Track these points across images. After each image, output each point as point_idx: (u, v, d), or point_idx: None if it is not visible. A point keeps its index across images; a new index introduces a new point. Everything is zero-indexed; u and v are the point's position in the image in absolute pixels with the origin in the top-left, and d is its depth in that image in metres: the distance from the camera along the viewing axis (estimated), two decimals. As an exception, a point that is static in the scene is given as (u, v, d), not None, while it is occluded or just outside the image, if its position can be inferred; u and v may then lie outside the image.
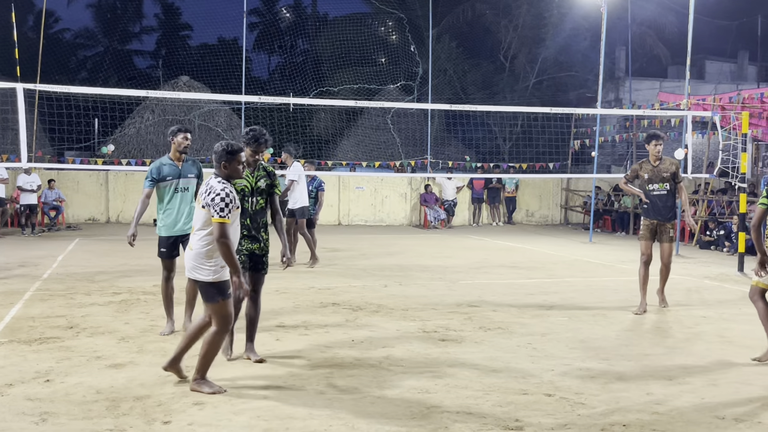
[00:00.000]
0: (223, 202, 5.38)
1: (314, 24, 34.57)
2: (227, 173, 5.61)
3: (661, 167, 9.32)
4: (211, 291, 5.54)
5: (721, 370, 6.44)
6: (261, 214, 6.39)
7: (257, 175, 6.35)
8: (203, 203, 5.48)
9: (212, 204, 5.40)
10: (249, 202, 6.26)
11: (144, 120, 26.81)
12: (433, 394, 5.59)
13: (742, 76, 36.32)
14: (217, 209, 5.38)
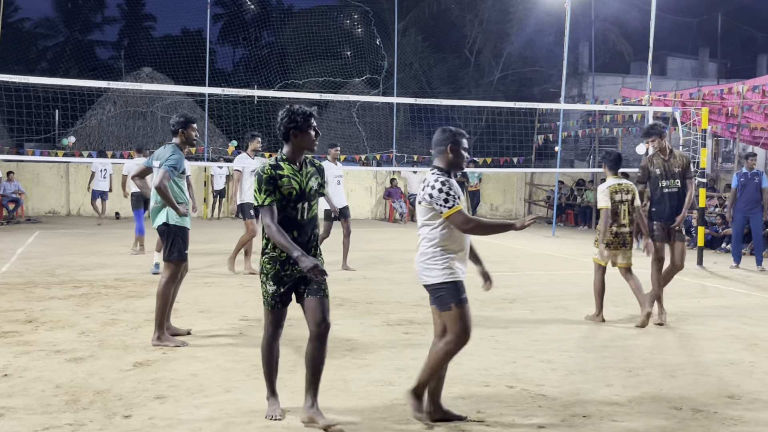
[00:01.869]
0: (443, 193, 4.66)
1: (279, 16, 34.38)
2: (452, 160, 4.86)
3: (672, 162, 8.43)
4: (443, 295, 4.76)
5: (680, 362, 6.55)
6: (313, 223, 4.82)
7: (306, 173, 4.83)
8: (419, 200, 4.79)
9: (434, 199, 4.68)
10: (297, 209, 4.71)
11: (106, 112, 26.47)
12: (396, 386, 5.60)
13: (703, 72, 36.92)
14: (441, 201, 4.66)
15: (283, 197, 4.63)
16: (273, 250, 4.68)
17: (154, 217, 7.01)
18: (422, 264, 4.82)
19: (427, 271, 4.79)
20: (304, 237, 4.72)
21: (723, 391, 5.68)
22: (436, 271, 4.76)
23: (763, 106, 18.04)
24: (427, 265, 4.78)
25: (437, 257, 4.76)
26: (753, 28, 38.28)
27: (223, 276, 11.04)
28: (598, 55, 30.73)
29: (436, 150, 4.89)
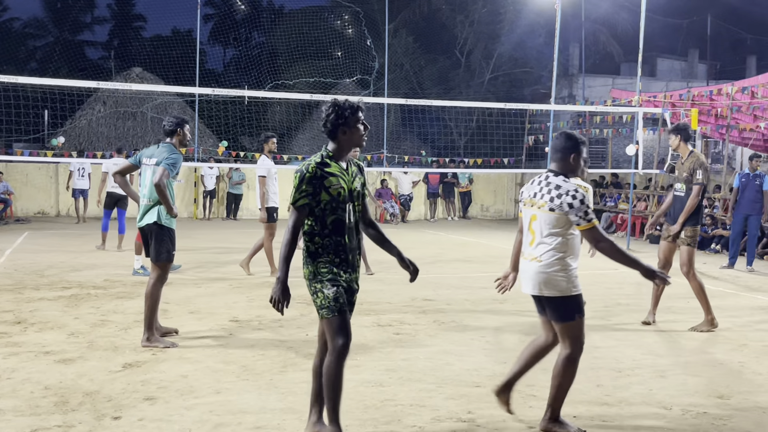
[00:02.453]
0: (584, 205, 4.52)
1: (270, 16, 34.35)
2: (573, 167, 4.74)
3: (684, 165, 8.30)
4: (569, 307, 4.64)
5: (669, 362, 6.57)
6: (357, 228, 4.50)
7: (352, 172, 4.45)
8: (548, 207, 4.59)
9: (574, 209, 4.50)
10: (346, 210, 4.36)
11: (95, 112, 26.38)
12: (387, 387, 5.60)
13: (693, 73, 37.05)
14: (581, 214, 4.50)
15: (332, 198, 4.26)
16: (326, 254, 4.29)
17: (142, 215, 6.94)
18: (546, 275, 4.61)
19: (552, 282, 4.61)
20: (352, 242, 4.37)
21: (712, 392, 5.70)
22: (563, 283, 4.60)
23: (752, 107, 18.13)
24: (552, 277, 4.60)
25: (566, 269, 4.62)
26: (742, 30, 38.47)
27: (212, 277, 11.01)
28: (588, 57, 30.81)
29: (559, 155, 4.75)
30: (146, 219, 6.91)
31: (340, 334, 4.21)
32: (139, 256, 10.99)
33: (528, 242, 4.76)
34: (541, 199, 4.63)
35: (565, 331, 4.66)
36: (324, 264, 4.29)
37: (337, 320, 4.22)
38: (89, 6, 37.54)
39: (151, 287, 6.79)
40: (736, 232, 13.65)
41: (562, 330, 4.67)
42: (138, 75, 27.04)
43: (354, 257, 4.40)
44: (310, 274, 4.32)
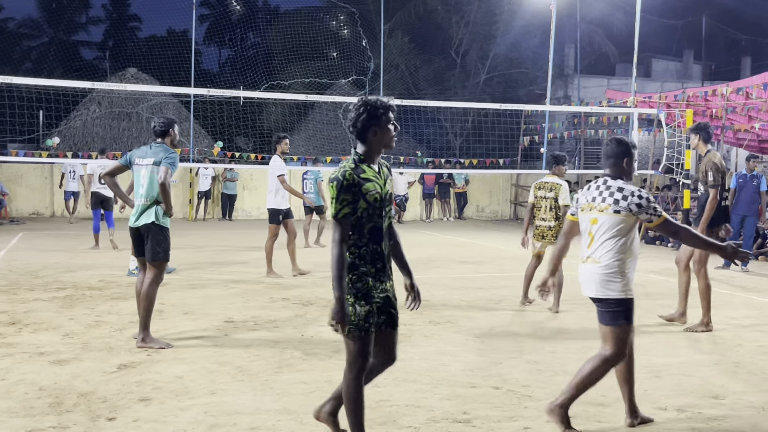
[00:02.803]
0: (653, 202, 4.66)
1: (265, 17, 34.34)
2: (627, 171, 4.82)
3: (700, 166, 8.23)
4: (618, 311, 4.68)
5: (664, 363, 6.58)
6: (389, 233, 4.24)
7: (383, 175, 4.21)
8: (613, 209, 4.66)
9: (644, 208, 4.62)
10: (382, 216, 4.12)
11: (90, 112, 26.33)
12: (382, 387, 5.60)
13: (688, 74, 37.15)
14: (652, 210, 4.62)
15: (369, 205, 4.00)
16: (363, 264, 4.04)
17: (138, 215, 6.89)
18: (603, 276, 4.66)
19: (608, 284, 4.65)
20: (386, 249, 4.16)
21: (707, 392, 5.71)
22: (617, 285, 4.65)
23: (747, 108, 18.17)
24: (609, 278, 4.65)
25: (623, 272, 4.67)
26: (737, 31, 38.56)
27: (207, 278, 11.00)
28: (584, 57, 30.88)
29: (612, 161, 4.83)
30: (143, 219, 6.87)
31: (362, 355, 4.05)
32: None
33: (586, 245, 4.83)
34: (603, 203, 4.72)
35: (611, 335, 4.70)
36: (360, 277, 4.02)
37: (362, 340, 4.03)
38: (84, 6, 37.52)
39: (147, 287, 6.77)
40: (734, 233, 13.65)
41: (609, 333, 4.71)
42: (133, 75, 27.01)
43: (390, 264, 4.22)
44: (349, 290, 4.04)
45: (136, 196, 6.97)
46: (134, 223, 6.92)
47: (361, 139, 4.09)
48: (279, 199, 11.24)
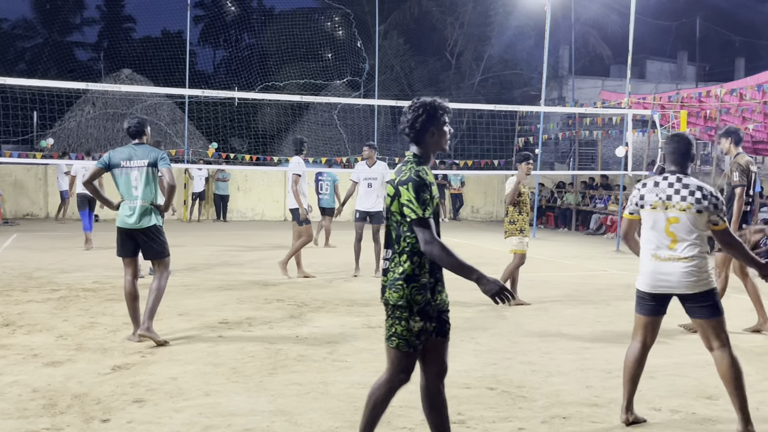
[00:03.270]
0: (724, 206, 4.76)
1: (260, 18, 34.34)
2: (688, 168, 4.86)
3: (729, 168, 8.15)
4: (715, 301, 4.79)
5: (658, 363, 6.58)
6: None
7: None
8: (696, 208, 4.67)
9: (718, 209, 4.69)
10: (438, 221, 4.01)
11: (85, 113, 26.29)
12: (377, 389, 5.59)
13: (682, 75, 37.24)
14: (722, 214, 4.72)
15: (433, 210, 3.89)
16: (423, 274, 3.89)
17: (140, 218, 6.87)
18: (695, 273, 4.71)
19: (701, 279, 4.72)
20: None
21: (701, 393, 5.72)
22: (709, 278, 4.75)
23: (741, 110, 18.21)
24: (700, 274, 4.72)
25: (708, 265, 4.77)
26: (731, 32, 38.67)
27: (201, 279, 10.98)
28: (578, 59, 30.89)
29: (678, 158, 4.85)
30: (145, 221, 6.88)
31: (405, 371, 3.95)
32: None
33: (666, 245, 4.77)
34: (684, 202, 4.71)
35: (720, 326, 4.77)
36: (419, 290, 3.86)
37: (409, 357, 3.92)
38: (78, 7, 37.43)
39: (160, 282, 7.03)
40: None
41: (717, 325, 4.77)
42: (127, 76, 26.98)
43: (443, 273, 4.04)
44: (400, 299, 3.84)
45: (128, 197, 6.92)
46: (135, 225, 6.88)
47: (418, 140, 3.98)
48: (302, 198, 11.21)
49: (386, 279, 3.92)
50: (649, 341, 5.03)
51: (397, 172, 3.94)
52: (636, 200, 4.91)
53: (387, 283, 3.91)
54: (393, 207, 3.88)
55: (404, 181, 3.84)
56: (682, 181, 4.75)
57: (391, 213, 3.90)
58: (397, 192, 3.85)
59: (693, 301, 4.78)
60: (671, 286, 4.77)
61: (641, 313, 5.01)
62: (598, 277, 12.01)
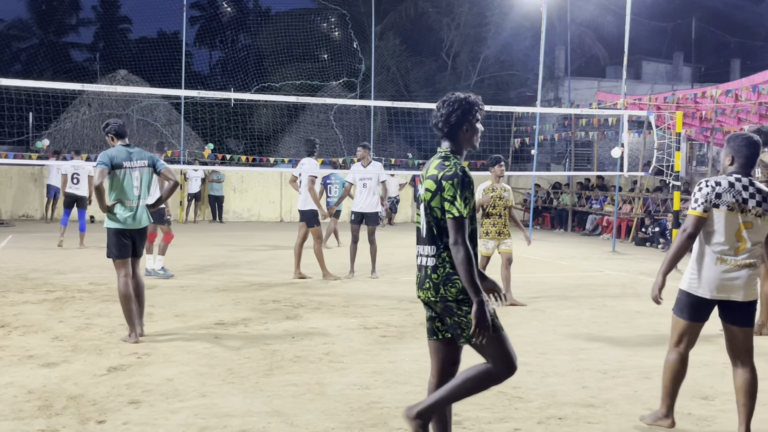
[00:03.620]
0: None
1: (256, 19, 34.31)
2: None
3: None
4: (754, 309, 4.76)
5: (654, 364, 6.58)
6: None
7: None
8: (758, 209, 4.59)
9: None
10: (474, 217, 4.01)
11: (80, 114, 26.24)
12: (373, 389, 5.60)
13: (678, 76, 37.28)
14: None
15: (473, 206, 3.88)
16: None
17: (140, 218, 7.10)
18: (755, 277, 4.64)
19: (756, 284, 4.65)
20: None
21: (697, 393, 5.73)
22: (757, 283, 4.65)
23: (736, 110, 18.25)
24: (756, 279, 4.64)
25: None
26: (726, 33, 38.75)
27: (198, 280, 10.97)
28: (574, 59, 30.97)
29: (748, 161, 4.69)
30: (144, 221, 7.16)
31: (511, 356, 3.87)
32: (162, 256, 11.21)
33: (734, 249, 4.61)
34: (759, 207, 4.58)
35: (751, 335, 4.67)
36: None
37: (506, 338, 3.87)
38: (74, 8, 37.36)
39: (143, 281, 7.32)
40: None
41: (750, 334, 4.67)
42: (123, 77, 26.95)
43: None
44: (459, 292, 3.80)
45: (129, 197, 7.00)
46: (137, 225, 7.07)
47: (452, 135, 3.96)
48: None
49: (436, 276, 3.83)
50: (691, 349, 4.88)
51: (438, 167, 3.86)
52: (711, 198, 4.58)
53: (439, 280, 3.83)
54: (434, 202, 3.83)
55: (449, 176, 3.80)
56: (754, 186, 4.62)
57: (431, 208, 3.84)
58: (440, 187, 3.80)
59: (740, 309, 4.63)
60: (734, 292, 4.60)
61: (693, 319, 4.76)
62: (594, 278, 12.02)
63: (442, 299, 3.84)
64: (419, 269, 3.96)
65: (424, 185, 3.89)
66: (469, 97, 4.00)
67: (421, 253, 3.93)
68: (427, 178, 3.88)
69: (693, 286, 4.69)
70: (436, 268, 3.85)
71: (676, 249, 4.70)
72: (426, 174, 3.91)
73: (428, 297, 3.88)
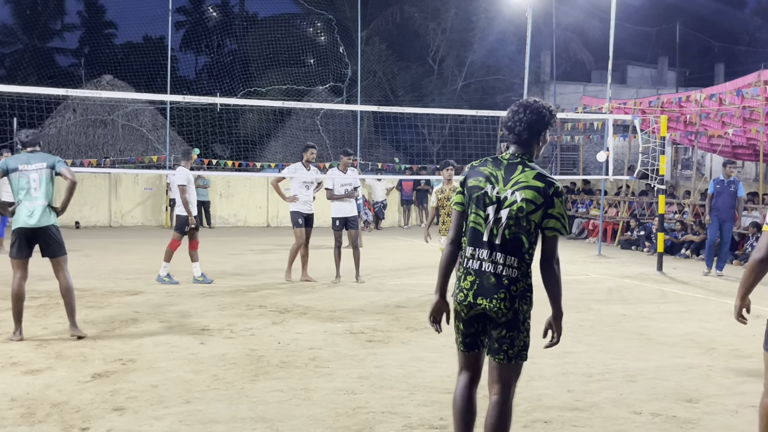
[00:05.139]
0: None
1: (242, 23, 34.24)
2: None
3: None
4: None
5: (639, 367, 6.62)
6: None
7: None
8: None
9: None
10: None
11: (65, 120, 26.10)
12: (359, 394, 5.59)
13: (662, 81, 37.51)
14: None
15: None
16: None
17: (40, 217, 7.23)
18: None
19: None
20: None
21: (681, 396, 5.75)
22: None
23: (720, 114, 18.37)
24: None
25: None
26: (711, 38, 39.01)
27: (183, 285, 10.92)
28: (560, 64, 31.07)
29: None
30: (44, 220, 7.27)
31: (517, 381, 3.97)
32: (167, 263, 11.15)
33: None
34: None
35: None
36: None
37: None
38: (59, 13, 37.11)
39: (69, 282, 7.47)
40: (712, 238, 13.62)
41: None
42: (108, 82, 26.81)
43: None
44: (530, 309, 3.90)
45: (27, 198, 7.25)
46: (36, 224, 7.21)
47: (528, 143, 3.90)
48: (300, 204, 11.52)
49: (515, 289, 3.77)
50: None
51: (539, 178, 3.74)
52: None
53: (517, 293, 3.78)
54: (535, 216, 3.73)
55: (560, 192, 3.75)
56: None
57: (529, 221, 3.73)
58: (550, 203, 3.73)
59: None
60: None
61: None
62: (580, 282, 12.06)
63: (515, 312, 3.79)
64: (477, 275, 3.81)
65: (522, 194, 3.72)
66: (551, 107, 3.97)
67: (486, 258, 3.79)
68: (527, 188, 3.73)
69: None
70: (518, 281, 3.77)
71: (747, 275, 4.05)
72: (515, 181, 3.76)
73: (498, 306, 3.75)
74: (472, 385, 3.99)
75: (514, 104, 3.97)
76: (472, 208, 3.85)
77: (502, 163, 3.86)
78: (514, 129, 3.88)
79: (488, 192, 3.80)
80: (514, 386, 3.90)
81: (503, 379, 3.84)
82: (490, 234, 3.79)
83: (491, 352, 3.85)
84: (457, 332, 3.98)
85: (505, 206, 3.75)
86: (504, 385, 3.85)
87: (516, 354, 3.84)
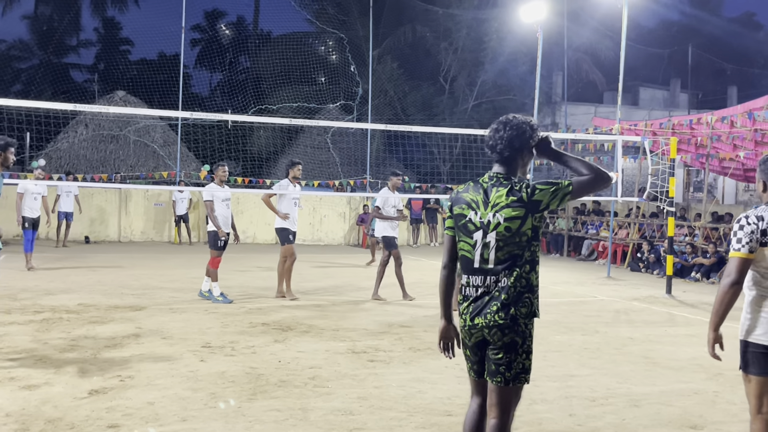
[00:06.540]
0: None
1: (255, 41, 34.43)
2: None
3: None
4: None
5: (644, 391, 6.52)
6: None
7: None
8: None
9: None
10: None
11: (78, 134, 26.25)
12: (357, 415, 5.52)
13: (674, 103, 37.42)
14: None
15: None
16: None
17: None
18: None
19: None
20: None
21: (686, 422, 5.65)
22: None
23: (732, 137, 18.26)
24: None
25: None
26: (724, 60, 38.93)
27: (187, 302, 10.89)
28: (571, 85, 31.06)
29: None
30: None
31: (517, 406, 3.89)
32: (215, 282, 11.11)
33: None
34: None
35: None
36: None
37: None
38: (75, 29, 37.46)
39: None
40: None
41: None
42: (121, 98, 26.97)
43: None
44: (529, 319, 3.83)
45: None
46: None
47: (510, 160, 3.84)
48: (289, 221, 11.50)
49: (506, 297, 3.71)
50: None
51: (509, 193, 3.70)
52: (757, 236, 3.95)
53: (509, 300, 3.72)
54: (526, 226, 3.70)
55: (534, 186, 3.73)
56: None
57: (521, 234, 3.69)
58: (534, 204, 3.69)
59: None
60: None
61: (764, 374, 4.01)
62: (588, 304, 11.95)
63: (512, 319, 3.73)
64: (474, 300, 3.80)
65: (502, 215, 3.68)
66: (532, 121, 3.89)
67: (480, 284, 3.78)
68: (505, 207, 3.69)
69: (753, 335, 4.12)
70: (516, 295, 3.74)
71: (720, 301, 4.08)
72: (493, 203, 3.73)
73: (492, 319, 3.71)
74: (481, 411, 3.93)
75: (495, 122, 3.93)
76: (460, 236, 3.85)
77: (482, 186, 3.82)
78: (496, 147, 3.84)
79: (471, 219, 3.78)
80: (513, 410, 3.83)
81: (501, 402, 3.78)
82: (480, 259, 3.76)
83: (489, 374, 3.80)
84: (466, 358, 3.94)
85: (491, 230, 3.72)
86: (502, 409, 3.78)
87: (514, 377, 3.77)
